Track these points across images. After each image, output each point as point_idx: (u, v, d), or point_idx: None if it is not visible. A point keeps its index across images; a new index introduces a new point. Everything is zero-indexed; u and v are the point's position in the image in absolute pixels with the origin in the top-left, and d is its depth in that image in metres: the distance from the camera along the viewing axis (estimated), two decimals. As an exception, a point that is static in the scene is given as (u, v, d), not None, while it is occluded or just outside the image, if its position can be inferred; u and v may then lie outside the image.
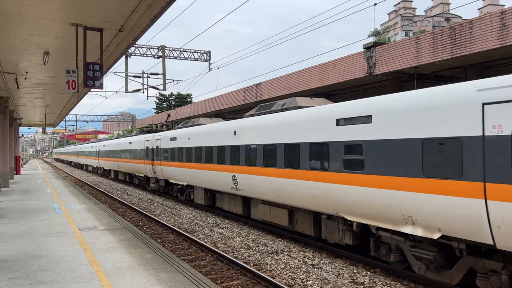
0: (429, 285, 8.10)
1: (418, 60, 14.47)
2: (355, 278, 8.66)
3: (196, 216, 16.63)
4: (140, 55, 26.95)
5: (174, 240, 12.58)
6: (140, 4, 8.91)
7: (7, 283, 6.65)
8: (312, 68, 20.04)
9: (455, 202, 6.73)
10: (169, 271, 7.33)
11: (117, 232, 10.80)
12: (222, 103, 29.25)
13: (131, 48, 18.78)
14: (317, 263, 9.71)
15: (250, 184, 13.22)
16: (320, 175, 9.85)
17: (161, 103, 69.75)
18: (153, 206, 20.01)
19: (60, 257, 8.27)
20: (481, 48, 12.37)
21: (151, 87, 28.01)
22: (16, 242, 9.61)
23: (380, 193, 8.08)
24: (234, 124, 14.67)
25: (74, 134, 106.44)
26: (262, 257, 10.35)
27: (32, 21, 9.90)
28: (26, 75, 16.32)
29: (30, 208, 15.28)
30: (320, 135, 9.93)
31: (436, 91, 7.45)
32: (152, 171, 23.36)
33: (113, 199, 22.78)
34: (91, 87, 11.12)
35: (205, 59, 28.69)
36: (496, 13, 12.15)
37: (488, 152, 6.33)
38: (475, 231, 6.54)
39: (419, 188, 7.35)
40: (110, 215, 13.80)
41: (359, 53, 17.15)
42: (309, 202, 10.43)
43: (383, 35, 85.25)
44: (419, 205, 7.38)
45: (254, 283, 8.52)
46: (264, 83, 24.20)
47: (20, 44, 11.97)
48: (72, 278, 6.91)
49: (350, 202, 8.96)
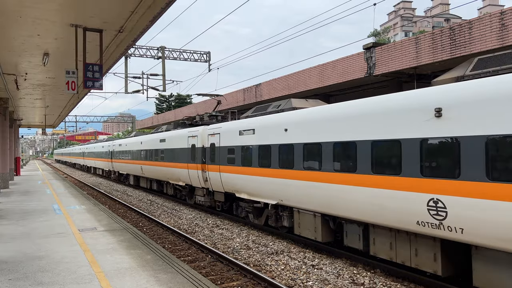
0: (430, 285, 8.09)
1: (417, 61, 14.49)
2: (355, 279, 8.65)
3: (196, 217, 16.62)
4: (140, 56, 26.98)
5: (174, 241, 12.57)
6: (139, 5, 8.92)
7: (7, 284, 6.64)
8: (311, 68, 20.05)
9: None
10: (169, 272, 7.33)
11: (117, 233, 10.79)
12: (222, 103, 29.28)
13: (131, 49, 18.79)
14: (317, 264, 9.70)
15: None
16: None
17: (161, 104, 69.82)
18: (153, 207, 20.00)
19: (60, 258, 8.26)
20: (481, 48, 12.39)
21: (151, 88, 28.02)
22: (16, 243, 9.60)
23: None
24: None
25: (74, 135, 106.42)
26: (262, 258, 10.34)
27: (31, 22, 9.90)
28: (25, 76, 16.33)
29: (30, 209, 15.28)
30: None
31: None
32: (202, 178, 16.85)
33: (113, 200, 22.76)
34: (90, 88, 11.12)
35: (205, 59, 28.72)
36: (495, 13, 12.16)
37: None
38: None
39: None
40: (110, 216, 13.79)
41: (358, 54, 17.16)
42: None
43: (383, 36, 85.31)
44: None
45: (254, 284, 8.51)
46: (264, 84, 24.22)
47: (20, 45, 11.98)
48: (72, 279, 6.90)
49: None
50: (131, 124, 61.66)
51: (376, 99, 8.97)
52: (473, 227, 6.73)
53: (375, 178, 8.55)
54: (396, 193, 8.04)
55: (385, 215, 8.33)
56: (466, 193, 6.80)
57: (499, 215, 6.35)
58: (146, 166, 24.55)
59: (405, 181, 7.88)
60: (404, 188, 7.88)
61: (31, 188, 24.20)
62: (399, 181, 8.00)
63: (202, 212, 17.83)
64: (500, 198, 6.35)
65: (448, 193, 7.07)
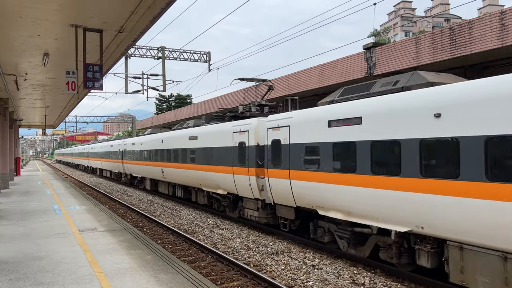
0: (429, 286, 8.09)
1: (417, 61, 14.48)
2: (355, 279, 8.65)
3: (196, 217, 16.62)
4: (140, 56, 26.97)
5: (174, 241, 12.57)
6: (139, 5, 8.92)
7: (7, 285, 6.64)
8: (312, 68, 20.06)
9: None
10: (169, 272, 7.32)
11: (117, 233, 10.79)
12: (222, 103, 29.29)
13: (131, 49, 18.78)
14: (317, 264, 9.70)
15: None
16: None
17: (161, 104, 69.83)
18: (153, 207, 20.00)
19: (60, 258, 8.26)
20: (481, 48, 12.38)
21: (151, 88, 28.02)
22: (16, 244, 9.60)
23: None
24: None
25: (74, 135, 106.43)
26: (263, 258, 10.34)
27: (31, 22, 9.91)
28: (26, 76, 16.33)
29: (30, 209, 15.28)
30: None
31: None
32: (257, 187, 12.96)
33: (113, 200, 22.76)
34: (90, 88, 11.12)
35: (205, 60, 28.71)
36: (495, 13, 12.15)
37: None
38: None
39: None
40: (110, 216, 13.79)
41: (359, 54, 17.17)
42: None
43: (383, 36, 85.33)
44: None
45: (254, 284, 8.51)
46: (264, 84, 24.17)
47: (20, 46, 11.98)
48: (72, 279, 6.90)
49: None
50: (131, 124, 61.64)
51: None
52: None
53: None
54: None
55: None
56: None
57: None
58: (169, 169, 20.64)
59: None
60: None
61: (31, 189, 24.20)
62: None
63: (202, 212, 17.82)
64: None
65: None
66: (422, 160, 7.52)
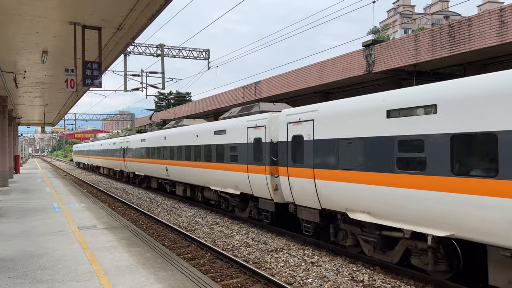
0: (428, 282, 8.11)
1: (417, 58, 14.47)
2: (354, 276, 8.67)
3: (195, 214, 16.63)
4: (139, 53, 26.93)
5: (173, 238, 12.59)
6: (138, 2, 8.91)
7: (7, 282, 6.65)
8: (311, 66, 20.03)
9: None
10: (168, 269, 7.34)
11: (116, 231, 10.80)
12: (221, 101, 29.26)
13: (130, 46, 18.73)
14: (316, 261, 9.72)
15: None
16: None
17: (160, 101, 69.74)
18: (153, 204, 20.01)
19: (59, 256, 8.27)
20: (480, 45, 12.37)
21: (150, 86, 28.00)
22: (15, 242, 9.61)
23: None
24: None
25: (73, 133, 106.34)
26: (262, 255, 10.36)
27: (30, 20, 9.89)
28: (24, 74, 16.31)
29: (29, 207, 15.27)
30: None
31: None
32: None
33: (112, 198, 22.77)
34: (89, 86, 11.10)
35: (204, 57, 28.68)
36: (495, 10, 12.13)
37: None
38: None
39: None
40: (109, 214, 13.79)
41: (358, 51, 17.14)
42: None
43: (382, 33, 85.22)
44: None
45: (253, 281, 8.53)
46: (263, 81, 24.17)
47: (19, 43, 11.95)
48: (72, 277, 6.91)
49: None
50: (130, 122, 61.60)
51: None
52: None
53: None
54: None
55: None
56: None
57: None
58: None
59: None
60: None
61: (31, 186, 24.18)
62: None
63: (201, 209, 17.83)
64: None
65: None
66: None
